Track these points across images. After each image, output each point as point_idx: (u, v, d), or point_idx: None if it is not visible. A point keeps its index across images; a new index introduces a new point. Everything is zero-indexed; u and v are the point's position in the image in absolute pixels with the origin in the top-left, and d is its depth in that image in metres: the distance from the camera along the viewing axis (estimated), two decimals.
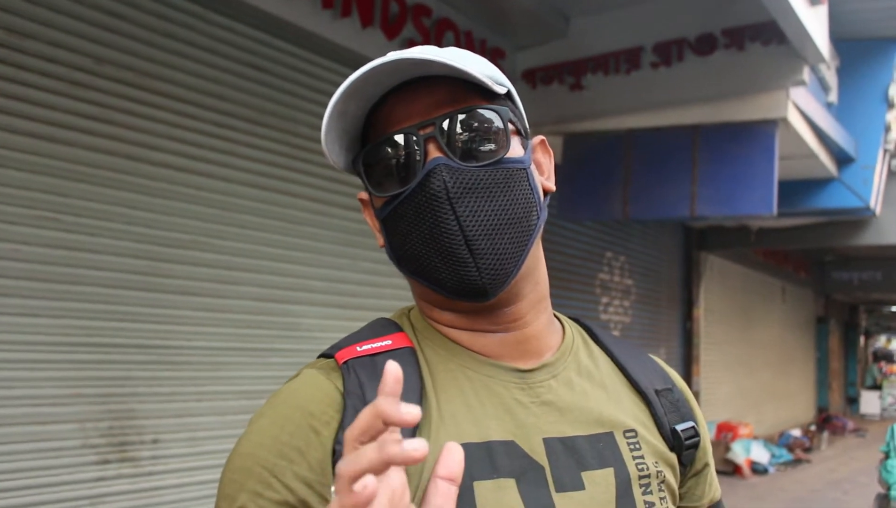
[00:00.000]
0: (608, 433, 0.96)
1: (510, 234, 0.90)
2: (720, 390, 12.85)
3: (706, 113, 6.36)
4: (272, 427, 0.88)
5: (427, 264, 0.92)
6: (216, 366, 4.39)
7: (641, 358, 1.10)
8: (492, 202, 0.89)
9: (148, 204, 4.08)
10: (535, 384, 0.95)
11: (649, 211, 6.99)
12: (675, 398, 1.07)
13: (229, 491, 0.86)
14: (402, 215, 0.92)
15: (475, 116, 0.91)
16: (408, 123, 0.91)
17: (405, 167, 0.90)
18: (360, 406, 0.84)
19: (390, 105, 0.93)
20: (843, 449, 15.02)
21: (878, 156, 8.78)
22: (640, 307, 10.37)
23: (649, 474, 0.96)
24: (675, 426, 1.02)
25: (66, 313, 3.74)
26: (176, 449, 4.17)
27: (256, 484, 0.84)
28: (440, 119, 0.90)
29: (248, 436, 0.90)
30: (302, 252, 4.90)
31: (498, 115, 0.93)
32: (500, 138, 0.92)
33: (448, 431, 0.87)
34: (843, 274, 17.57)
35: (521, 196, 0.92)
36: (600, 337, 1.09)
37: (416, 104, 0.91)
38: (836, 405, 21.49)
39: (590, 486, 0.90)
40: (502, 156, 0.92)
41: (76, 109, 3.79)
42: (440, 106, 0.91)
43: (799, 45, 5.45)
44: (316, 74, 4.99)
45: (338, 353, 0.93)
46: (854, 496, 9.90)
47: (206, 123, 4.37)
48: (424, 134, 0.90)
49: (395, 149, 0.91)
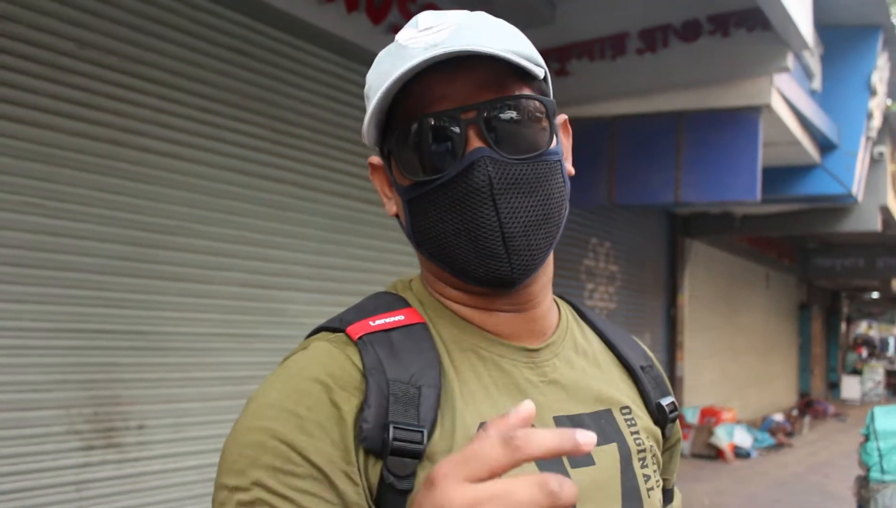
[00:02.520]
0: (607, 410, 0.98)
1: (545, 229, 0.88)
2: (704, 375, 12.94)
3: (691, 99, 6.39)
4: (287, 401, 0.81)
5: (455, 252, 0.88)
6: (202, 352, 4.39)
7: (625, 336, 1.12)
8: (532, 198, 0.86)
9: (133, 190, 4.06)
10: (541, 362, 0.95)
11: (634, 197, 7.02)
12: (655, 374, 1.09)
13: (239, 467, 0.79)
14: (435, 202, 0.87)
15: (521, 104, 0.87)
16: (447, 104, 0.85)
17: (444, 153, 0.85)
18: (382, 382, 0.82)
19: (426, 82, 0.85)
20: (825, 433, 15.16)
21: (860, 143, 8.84)
22: (624, 294, 10.42)
23: (645, 448, 0.99)
24: (660, 401, 1.05)
25: (50, 299, 3.72)
26: (161, 435, 4.17)
27: (274, 459, 0.78)
28: (485, 106, 0.85)
29: (256, 411, 0.82)
30: (287, 238, 4.90)
31: (544, 105, 0.89)
32: (545, 130, 0.89)
33: (469, 410, 0.86)
34: (826, 261, 17.69)
35: (556, 190, 0.90)
36: (587, 315, 1.10)
37: (456, 84, 0.85)
38: (817, 390, 21.67)
39: (599, 461, 0.93)
40: (545, 149, 0.89)
41: (60, 93, 3.76)
42: (483, 89, 0.86)
43: (783, 31, 5.47)
44: (301, 59, 4.97)
45: (350, 328, 0.88)
46: (835, 479, 10.00)
47: (191, 108, 4.35)
48: (467, 119, 0.84)
49: (432, 132, 0.85)
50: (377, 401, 0.81)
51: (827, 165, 8.79)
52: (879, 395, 22.54)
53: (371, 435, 0.79)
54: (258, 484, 0.77)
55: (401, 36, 0.90)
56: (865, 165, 9.47)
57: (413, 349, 0.86)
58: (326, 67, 5.11)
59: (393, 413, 0.80)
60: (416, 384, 0.83)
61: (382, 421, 0.80)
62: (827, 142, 8.59)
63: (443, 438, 0.82)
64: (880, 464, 5.18)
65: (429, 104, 0.86)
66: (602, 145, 6.93)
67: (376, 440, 0.79)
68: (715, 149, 6.46)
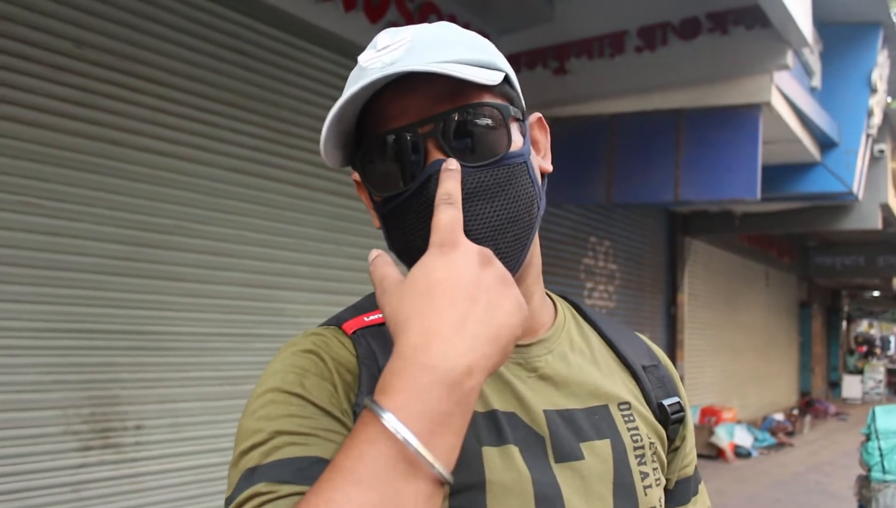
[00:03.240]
0: (603, 405, 0.99)
1: (513, 232, 0.88)
2: (704, 374, 12.93)
3: (690, 97, 6.37)
4: (287, 369, 0.86)
5: None
6: (200, 352, 4.38)
7: (629, 335, 1.12)
8: (494, 203, 0.87)
9: (131, 189, 4.05)
10: (531, 358, 0.97)
11: (633, 195, 7.00)
12: (660, 374, 1.09)
13: (256, 427, 0.81)
14: (403, 215, 0.89)
15: (475, 112, 0.88)
16: (405, 119, 0.87)
17: (405, 168, 0.87)
18: (376, 373, 0.84)
19: (386, 99, 0.88)
20: (826, 433, 15.16)
21: (860, 141, 8.82)
22: (624, 292, 10.40)
23: (643, 445, 0.99)
24: (662, 401, 1.05)
25: (48, 299, 3.71)
26: (159, 435, 4.16)
27: (287, 408, 0.82)
28: (439, 118, 0.86)
29: (260, 386, 0.86)
30: (286, 237, 4.88)
31: (499, 111, 0.90)
32: (502, 135, 0.90)
33: None
34: (826, 259, 17.68)
35: (522, 192, 0.90)
36: (589, 314, 1.11)
37: (412, 99, 0.87)
38: (818, 389, 21.66)
39: (589, 456, 0.93)
40: (504, 153, 0.89)
41: (57, 92, 3.75)
42: (439, 101, 0.87)
43: (783, 29, 5.46)
44: (299, 57, 4.96)
45: (345, 324, 0.93)
46: (835, 478, 10.00)
47: (189, 107, 4.34)
48: (424, 133, 0.86)
49: (393, 148, 0.88)
50: (369, 387, 0.83)
51: (827, 163, 8.77)
52: (881, 394, 22.55)
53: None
54: (278, 432, 0.79)
55: (362, 58, 0.92)
56: (866, 163, 9.45)
57: None
58: (324, 66, 5.10)
59: None
60: None
61: None
62: (827, 140, 8.57)
63: None
64: (881, 464, 5.16)
65: (389, 121, 0.88)
66: (601, 144, 6.91)
67: None
68: (714, 147, 6.44)
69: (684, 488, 1.12)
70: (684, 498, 1.12)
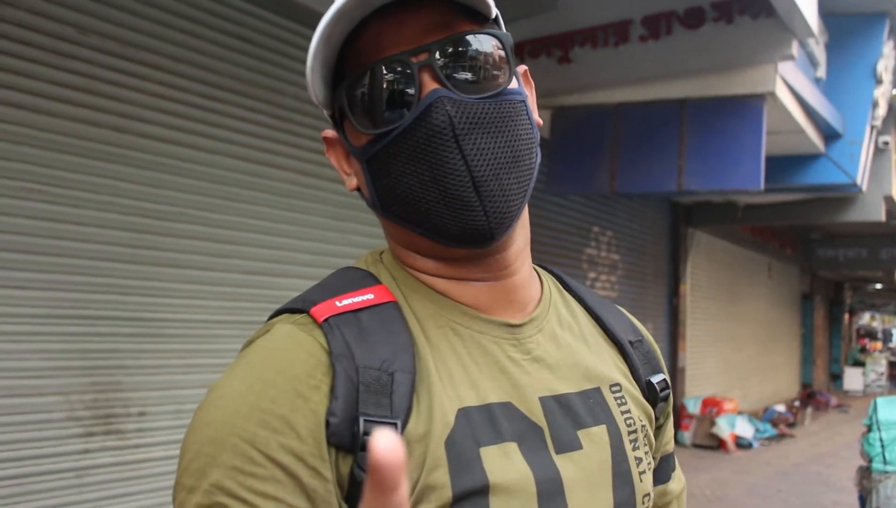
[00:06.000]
0: (596, 388, 0.92)
1: (516, 173, 0.82)
2: (706, 365, 12.94)
3: (694, 87, 6.36)
4: (249, 394, 0.74)
5: (424, 210, 0.82)
6: (203, 339, 4.38)
7: (612, 309, 1.06)
8: (498, 138, 0.81)
9: (134, 176, 4.04)
10: (524, 339, 0.89)
11: (636, 185, 6.99)
12: (645, 349, 1.03)
13: (196, 466, 0.72)
14: (395, 155, 0.81)
15: (474, 41, 0.82)
16: (396, 49, 0.80)
17: (397, 100, 0.80)
18: (351, 370, 0.75)
19: (374, 29, 0.81)
20: (827, 425, 15.17)
21: (865, 132, 8.79)
22: (626, 283, 10.40)
23: (636, 429, 0.93)
24: (650, 379, 0.99)
25: (51, 286, 3.71)
26: (162, 422, 4.17)
27: (234, 458, 0.71)
28: (436, 45, 0.80)
29: (216, 402, 0.75)
30: (289, 225, 4.88)
31: (499, 40, 0.84)
32: (502, 67, 0.84)
33: (448, 393, 0.80)
34: (829, 251, 17.65)
35: (524, 131, 0.84)
36: (572, 286, 1.03)
37: (404, 28, 0.81)
38: (820, 381, 21.69)
39: (587, 445, 0.87)
40: (504, 87, 0.83)
41: (60, 79, 3.74)
42: (432, 31, 0.81)
43: (787, 18, 5.44)
44: (302, 44, 4.94)
45: (314, 309, 0.82)
46: (836, 469, 10.01)
47: (192, 94, 4.33)
48: (419, 62, 0.79)
49: (384, 79, 0.80)
50: (346, 391, 0.74)
51: (831, 155, 8.75)
52: (882, 386, 22.55)
53: (339, 430, 0.73)
54: (217, 487, 0.70)
55: None
56: (870, 155, 9.42)
57: (384, 331, 0.80)
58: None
59: (363, 404, 0.74)
60: (388, 370, 0.77)
61: (352, 414, 0.74)
62: (831, 131, 8.54)
63: (419, 424, 0.76)
64: (882, 455, 5.17)
65: (380, 51, 0.81)
66: (604, 133, 6.90)
67: (345, 434, 0.73)
68: (718, 137, 6.43)
69: (665, 465, 1.06)
70: (666, 476, 1.06)
